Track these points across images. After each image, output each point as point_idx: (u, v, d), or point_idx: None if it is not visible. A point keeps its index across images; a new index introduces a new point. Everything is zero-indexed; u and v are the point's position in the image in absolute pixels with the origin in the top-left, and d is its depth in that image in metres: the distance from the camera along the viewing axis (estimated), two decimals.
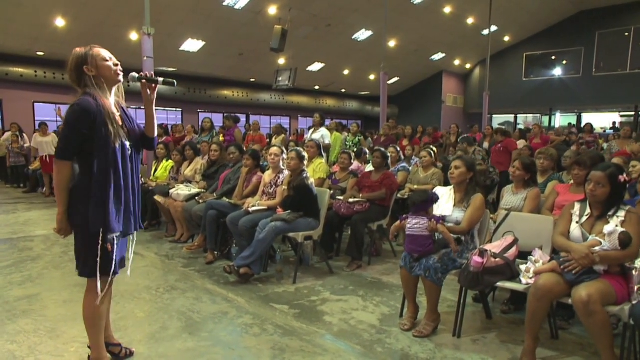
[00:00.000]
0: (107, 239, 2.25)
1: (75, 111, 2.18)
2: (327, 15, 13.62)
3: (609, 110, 19.98)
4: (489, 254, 2.91)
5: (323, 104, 20.43)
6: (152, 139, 2.56)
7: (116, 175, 2.24)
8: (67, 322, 3.22)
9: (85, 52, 2.28)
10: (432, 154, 5.99)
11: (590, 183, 2.76)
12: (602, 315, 2.49)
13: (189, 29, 12.60)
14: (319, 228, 4.47)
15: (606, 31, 18.74)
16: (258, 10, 12.32)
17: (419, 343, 3.02)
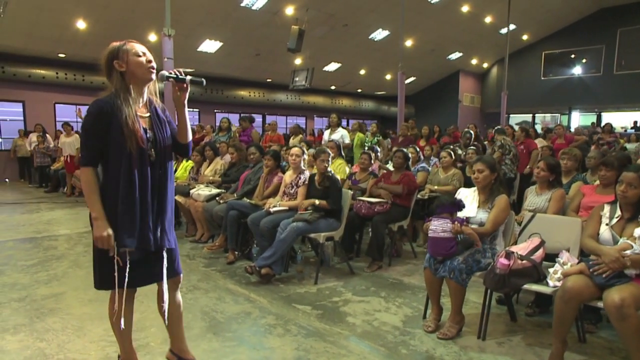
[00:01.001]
0: (119, 253, 2.06)
1: (90, 114, 2.05)
2: (344, 15, 13.59)
3: (630, 109, 19.57)
4: (516, 256, 2.88)
5: (339, 104, 20.39)
6: (186, 144, 2.33)
7: (129, 186, 2.04)
8: (94, 321, 3.27)
9: (119, 46, 2.13)
10: (452, 154, 5.96)
11: (622, 184, 2.72)
12: (636, 319, 2.44)
13: (206, 30, 12.68)
14: (340, 228, 4.47)
15: (628, 28, 18.34)
16: (275, 11, 12.35)
17: (443, 345, 3.00)
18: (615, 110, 19.76)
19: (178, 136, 2.31)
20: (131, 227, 2.06)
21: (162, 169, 2.19)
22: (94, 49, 13.47)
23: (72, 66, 13.24)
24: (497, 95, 18.90)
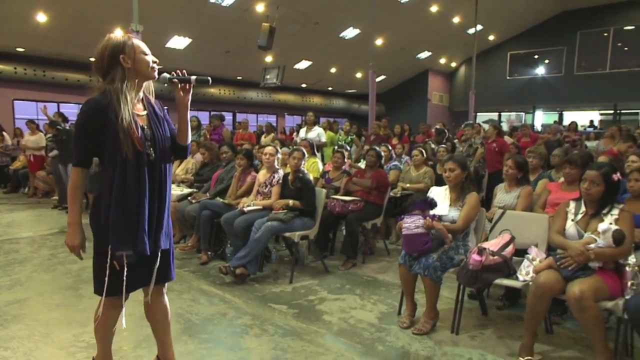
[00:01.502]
0: (115, 257, 2.00)
1: (83, 112, 1.97)
2: (315, 13, 13.62)
3: (589, 108, 20.40)
4: (488, 252, 2.98)
5: (310, 102, 20.43)
6: (185, 146, 2.25)
7: (123, 190, 1.96)
8: (62, 327, 3.18)
9: (124, 40, 2.01)
10: (424, 152, 6.09)
11: (585, 182, 2.84)
12: (594, 310, 2.57)
13: (175, 26, 12.48)
14: (315, 227, 4.50)
15: (587, 31, 19.12)
16: (246, 8, 12.26)
17: (418, 340, 3.08)
18: (575, 109, 20.56)
19: (178, 137, 2.23)
20: (126, 231, 1.98)
21: (162, 168, 2.12)
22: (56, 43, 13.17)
23: (32, 61, 12.81)
24: (465, 94, 19.33)
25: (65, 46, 12.01)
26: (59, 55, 12.89)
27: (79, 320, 3.28)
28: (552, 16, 19.57)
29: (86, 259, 2.23)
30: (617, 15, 18.39)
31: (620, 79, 18.37)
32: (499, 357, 2.86)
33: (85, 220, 2.07)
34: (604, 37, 18.94)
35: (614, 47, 18.86)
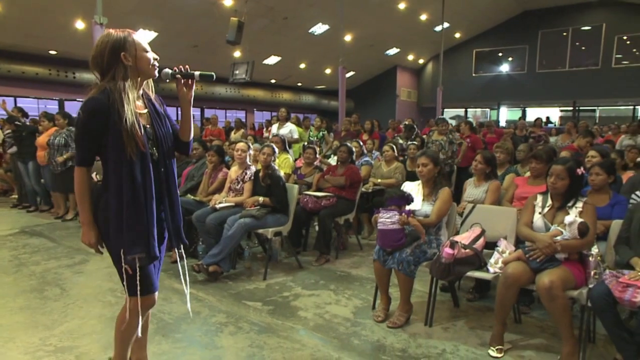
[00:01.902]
0: (127, 261, 1.92)
1: (85, 112, 1.86)
2: (284, 8, 13.54)
3: (550, 105, 21.14)
4: (460, 245, 3.04)
5: (279, 97, 20.32)
6: (187, 142, 2.20)
7: (134, 189, 1.89)
8: (27, 330, 3.08)
9: (124, 36, 1.92)
10: (394, 148, 6.16)
11: (552, 176, 2.94)
12: (563, 299, 2.67)
13: (140, 19, 12.12)
14: (288, 223, 4.49)
15: (548, 31, 19.75)
16: (213, 1, 12.04)
17: (393, 334, 3.12)
18: (537, 106, 21.26)
19: (180, 133, 2.18)
20: (138, 233, 1.91)
21: (166, 167, 2.06)
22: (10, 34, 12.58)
23: None
24: (433, 91, 19.65)
25: (21, 38, 11.49)
26: (15, 47, 12.37)
27: (45, 324, 3.18)
28: (515, 15, 20.11)
29: (48, 260, 2.16)
30: (575, 16, 19.08)
31: (579, 77, 19.09)
32: (471, 348, 2.93)
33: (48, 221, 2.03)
34: (564, 36, 19.62)
35: (573, 46, 19.57)
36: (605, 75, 18.60)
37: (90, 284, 3.97)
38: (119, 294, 3.72)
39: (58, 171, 6.23)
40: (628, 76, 18.16)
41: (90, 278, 4.13)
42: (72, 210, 6.46)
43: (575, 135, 7.51)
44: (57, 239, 5.46)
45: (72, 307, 3.48)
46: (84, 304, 3.49)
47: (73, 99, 14.69)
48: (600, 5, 18.49)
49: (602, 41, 18.73)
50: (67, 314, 3.34)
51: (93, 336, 3.00)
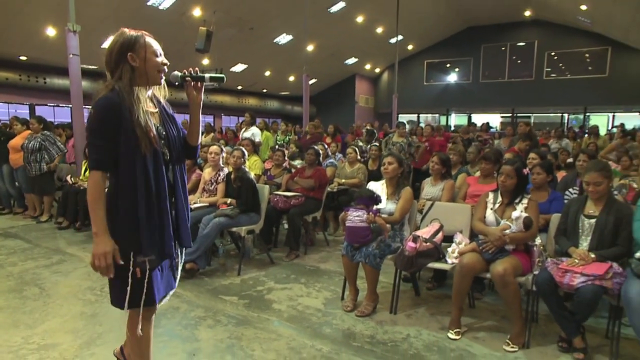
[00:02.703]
0: (137, 263, 1.75)
1: (97, 112, 1.70)
2: (250, 18, 13.43)
3: (492, 112, 21.93)
4: (421, 239, 3.12)
5: (245, 103, 20.13)
6: (195, 147, 2.00)
7: (148, 190, 1.74)
8: (9, 330, 2.93)
9: (136, 36, 1.76)
10: (357, 150, 6.23)
11: (502, 175, 3.07)
12: (514, 285, 2.79)
13: (111, 26, 11.54)
14: (260, 222, 4.47)
15: (489, 45, 20.51)
16: (183, 11, 11.82)
17: (362, 322, 3.16)
18: (482, 112, 21.97)
19: (188, 138, 1.99)
20: (152, 234, 1.76)
21: (177, 167, 1.91)
22: None
23: None
24: (388, 97, 19.97)
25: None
26: None
27: (27, 323, 3.04)
28: (460, 31, 20.74)
29: (25, 261, 2.02)
30: (512, 33, 19.92)
31: (516, 87, 19.93)
32: (432, 332, 3.01)
33: None
34: (502, 50, 20.43)
35: (510, 59, 20.41)
36: (538, 86, 19.51)
37: (68, 283, 3.81)
38: (98, 292, 3.59)
39: (33, 174, 5.94)
40: (556, 87, 19.15)
41: (68, 277, 3.96)
42: (46, 212, 6.18)
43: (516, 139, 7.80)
44: (33, 240, 5.20)
45: (53, 305, 3.34)
46: (64, 303, 3.35)
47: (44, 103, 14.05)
48: (533, 25, 19.38)
49: (535, 56, 19.63)
50: (48, 313, 3.20)
51: (76, 333, 2.89)
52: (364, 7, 15.61)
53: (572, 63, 19.15)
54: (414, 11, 16.32)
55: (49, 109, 14.66)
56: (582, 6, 15.35)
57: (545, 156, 4.65)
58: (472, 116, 22.24)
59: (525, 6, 17.96)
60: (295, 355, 2.68)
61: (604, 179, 2.80)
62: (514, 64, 20.34)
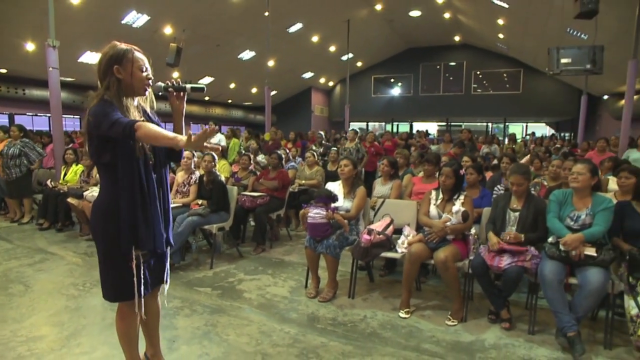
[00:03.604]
0: (132, 257, 1.74)
1: (96, 112, 1.63)
2: (217, 36, 13.16)
3: (430, 121, 22.70)
4: (375, 232, 3.19)
5: (212, 112, 19.67)
6: (180, 152, 1.95)
7: (142, 191, 1.73)
8: None
9: (125, 50, 1.73)
10: (315, 155, 6.27)
11: (442, 176, 3.19)
12: (454, 269, 2.92)
13: (88, 42, 11.06)
14: (230, 219, 4.40)
15: (426, 64, 21.21)
16: (155, 29, 11.39)
17: (324, 306, 3.19)
18: (421, 121, 22.68)
19: None
20: (148, 230, 1.75)
21: (161, 172, 1.87)
22: None
23: None
24: (341, 108, 20.18)
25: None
26: None
27: (14, 317, 2.86)
28: (402, 51, 21.29)
29: (9, 260, 1.90)
30: (445, 54, 20.71)
31: (449, 100, 20.72)
32: (386, 312, 3.08)
33: None
34: (437, 69, 21.17)
35: (444, 77, 21.19)
36: (467, 99, 20.40)
37: (52, 279, 3.59)
38: (81, 287, 3.42)
39: (13, 178, 5.55)
40: (482, 101, 20.13)
41: (51, 275, 3.73)
42: (27, 214, 5.77)
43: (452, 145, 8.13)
44: (14, 240, 4.84)
45: (38, 301, 3.14)
46: (49, 298, 3.15)
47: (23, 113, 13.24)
48: (462, 48, 20.26)
49: (464, 74, 20.52)
50: (34, 308, 3.01)
51: (62, 326, 2.73)
52: (318, 28, 15.70)
53: (494, 81, 20.17)
54: (363, 33, 16.61)
55: (27, 118, 13.86)
56: (500, 35, 16.26)
57: (475, 159, 4.88)
58: (413, 125, 22.91)
59: (455, 32, 18.74)
60: (266, 338, 2.66)
61: (525, 180, 2.98)
62: (447, 80, 21.14)
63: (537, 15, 11.45)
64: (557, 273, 2.59)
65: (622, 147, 7.04)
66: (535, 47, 14.67)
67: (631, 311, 2.42)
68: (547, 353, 2.53)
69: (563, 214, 2.78)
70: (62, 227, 5.23)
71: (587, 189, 2.76)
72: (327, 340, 2.65)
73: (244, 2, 11.92)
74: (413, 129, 21.69)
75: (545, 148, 7.59)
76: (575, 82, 16.25)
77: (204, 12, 11.64)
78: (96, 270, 3.78)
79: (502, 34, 16.10)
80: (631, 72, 7.06)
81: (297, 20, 14.62)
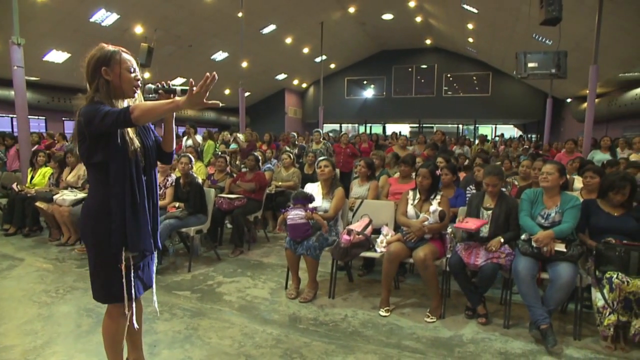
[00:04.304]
0: (122, 259, 1.73)
1: (87, 111, 1.61)
2: (189, 37, 12.95)
3: (403, 122, 23.10)
4: (355, 232, 3.24)
5: (185, 114, 19.25)
6: (170, 153, 1.98)
7: (132, 192, 1.73)
8: None
9: (112, 52, 1.72)
10: (291, 156, 6.28)
11: (419, 176, 3.27)
12: (433, 267, 3.00)
13: (53, 41, 10.63)
14: (208, 222, 4.35)
15: (399, 66, 21.60)
16: (125, 28, 11.09)
17: (305, 307, 3.21)
18: (394, 123, 23.05)
19: (163, 145, 1.96)
20: (138, 232, 1.74)
21: (150, 174, 1.86)
22: None
23: None
24: (315, 109, 20.23)
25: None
26: None
27: None
28: (375, 53, 21.59)
29: None
30: (417, 57, 21.16)
31: (421, 102, 21.17)
32: (366, 311, 3.13)
33: None
34: (409, 71, 21.60)
35: (416, 79, 21.64)
36: (439, 101, 20.91)
37: (21, 287, 3.44)
38: (53, 294, 3.29)
39: None
40: (452, 103, 20.67)
41: (20, 282, 3.57)
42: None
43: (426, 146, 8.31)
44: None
45: (8, 309, 3.01)
46: (19, 306, 3.02)
47: None
48: (433, 51, 20.76)
49: (435, 77, 21.03)
50: (4, 317, 2.89)
51: (35, 334, 2.63)
52: (292, 30, 15.72)
53: (464, 84, 20.77)
54: (336, 35, 16.74)
55: None
56: (469, 39, 16.79)
57: (449, 160, 5.01)
58: (386, 126, 23.25)
59: (426, 35, 19.18)
60: (248, 340, 2.66)
61: (499, 180, 3.11)
62: (419, 82, 21.60)
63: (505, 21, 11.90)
64: (530, 269, 2.72)
65: (586, 148, 7.42)
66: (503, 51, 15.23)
67: (598, 303, 2.57)
68: (521, 345, 2.64)
69: (534, 212, 2.92)
70: (29, 232, 5.01)
71: (556, 188, 2.91)
72: (310, 340, 2.67)
73: (217, 2, 11.80)
74: (386, 130, 22.02)
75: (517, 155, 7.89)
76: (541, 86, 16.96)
77: (175, 12, 11.45)
78: (69, 276, 3.71)
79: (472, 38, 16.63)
80: (592, 76, 7.45)
81: (271, 22, 14.59)
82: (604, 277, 2.56)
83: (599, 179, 3.24)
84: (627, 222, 2.79)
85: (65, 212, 4.48)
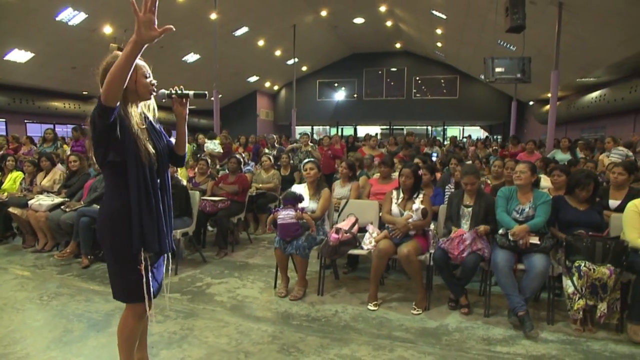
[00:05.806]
0: (141, 260, 1.76)
1: (91, 116, 1.63)
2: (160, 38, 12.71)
3: (374, 124, 23.55)
4: (342, 231, 3.37)
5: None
6: (182, 156, 2.02)
7: (147, 193, 1.76)
8: None
9: None
10: (271, 158, 6.36)
11: (402, 176, 3.44)
12: (417, 262, 3.17)
13: (15, 40, 10.19)
14: (193, 224, 4.36)
15: (370, 69, 22.05)
16: (93, 28, 10.79)
17: (296, 304, 3.30)
18: (365, 124, 23.47)
19: (176, 148, 1.99)
20: (154, 232, 1.78)
21: (164, 176, 1.90)
22: None
23: None
24: (286, 112, 20.33)
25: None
26: None
27: None
28: (347, 56, 21.96)
29: None
30: (387, 60, 21.71)
31: (392, 104, 21.70)
32: (355, 306, 3.26)
33: None
34: (380, 74, 22.10)
35: (387, 82, 22.17)
36: (409, 104, 21.50)
37: (3, 295, 3.34)
38: (38, 301, 3.23)
39: None
40: (422, 105, 21.32)
41: (1, 290, 3.48)
42: None
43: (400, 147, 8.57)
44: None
45: None
46: (4, 315, 2.95)
47: None
48: (403, 54, 21.36)
49: (405, 80, 21.61)
50: None
51: (25, 341, 2.59)
52: (264, 33, 15.76)
53: (433, 87, 21.46)
54: (308, 38, 16.90)
55: None
56: (438, 43, 17.39)
57: (426, 160, 5.25)
58: (357, 128, 23.61)
59: (396, 39, 19.70)
60: (245, 337, 2.73)
61: (476, 179, 3.32)
62: (389, 85, 22.13)
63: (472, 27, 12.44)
64: (508, 260, 2.94)
65: (549, 148, 7.90)
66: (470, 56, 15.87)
67: (568, 289, 2.81)
68: (502, 332, 2.86)
69: (510, 208, 3.15)
70: (1, 239, 4.84)
71: (529, 186, 3.15)
72: (305, 335, 2.78)
73: (189, 4, 11.69)
74: (357, 132, 22.37)
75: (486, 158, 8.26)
76: (506, 89, 17.77)
77: None
78: (51, 282, 3.66)
79: (440, 43, 17.21)
80: (554, 81, 7.96)
81: (243, 24, 14.58)
82: (573, 266, 2.81)
83: (565, 177, 3.52)
84: (592, 216, 3.07)
85: (41, 217, 4.36)
